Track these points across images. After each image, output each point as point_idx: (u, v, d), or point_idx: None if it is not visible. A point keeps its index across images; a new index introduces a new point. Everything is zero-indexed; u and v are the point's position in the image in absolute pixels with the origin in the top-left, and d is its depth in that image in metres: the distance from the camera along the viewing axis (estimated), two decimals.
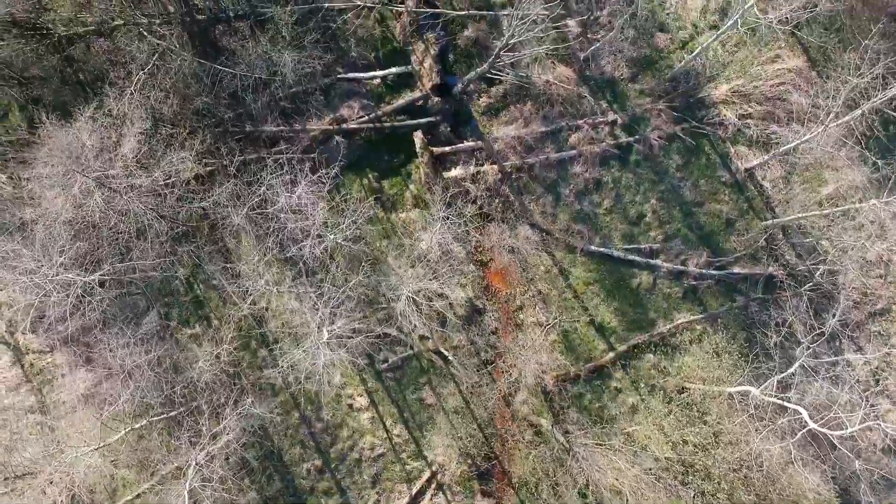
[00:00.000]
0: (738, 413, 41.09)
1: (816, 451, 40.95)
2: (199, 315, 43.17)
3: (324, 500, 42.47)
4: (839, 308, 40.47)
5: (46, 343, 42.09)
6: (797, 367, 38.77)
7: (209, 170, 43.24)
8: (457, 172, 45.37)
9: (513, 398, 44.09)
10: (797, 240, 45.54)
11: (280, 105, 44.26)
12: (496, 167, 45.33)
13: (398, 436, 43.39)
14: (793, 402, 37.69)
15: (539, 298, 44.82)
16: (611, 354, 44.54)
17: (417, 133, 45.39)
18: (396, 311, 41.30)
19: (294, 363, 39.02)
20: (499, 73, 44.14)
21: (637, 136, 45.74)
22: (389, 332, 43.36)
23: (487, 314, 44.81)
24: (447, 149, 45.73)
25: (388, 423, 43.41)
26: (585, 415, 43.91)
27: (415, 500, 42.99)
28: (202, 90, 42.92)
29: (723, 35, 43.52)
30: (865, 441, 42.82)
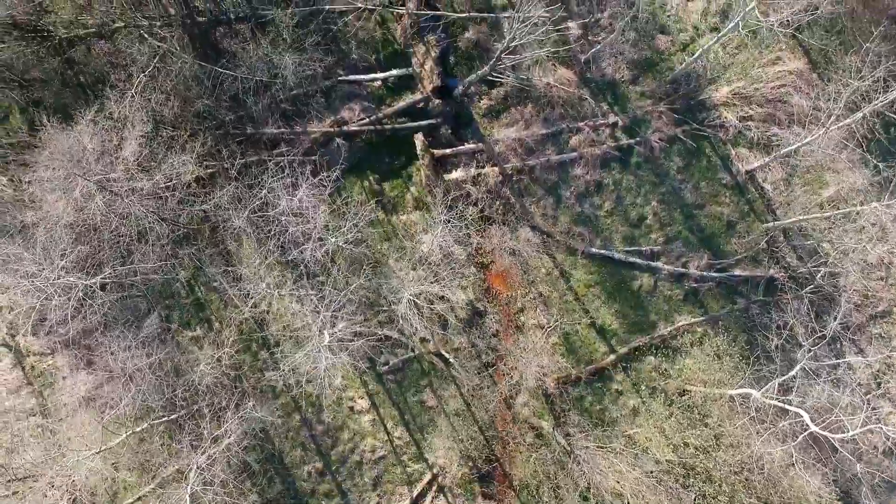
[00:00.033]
0: (740, 416, 41.07)
1: (817, 454, 40.87)
2: (201, 318, 43.19)
3: (325, 503, 42.52)
4: (840, 310, 40.54)
5: (47, 346, 42.16)
6: (798, 370, 38.78)
7: (210, 172, 43.27)
8: (458, 175, 45.36)
9: (514, 400, 44.09)
10: (798, 242, 45.51)
11: (281, 107, 44.27)
12: (497, 169, 45.31)
13: (399, 438, 43.41)
14: (794, 405, 37.67)
15: (540, 301, 44.82)
16: (612, 357, 44.55)
17: (418, 135, 45.35)
18: (397, 314, 41.32)
19: (295, 366, 39.02)
20: (499, 76, 44.20)
21: (638, 139, 45.71)
22: (390, 335, 43.37)
23: (488, 316, 44.80)
24: (448, 151, 45.71)
25: (389, 426, 43.43)
26: (586, 417, 43.92)
27: (416, 503, 43.02)
28: (203, 92, 42.95)
29: (724, 37, 43.53)
30: (867, 444, 42.77)
